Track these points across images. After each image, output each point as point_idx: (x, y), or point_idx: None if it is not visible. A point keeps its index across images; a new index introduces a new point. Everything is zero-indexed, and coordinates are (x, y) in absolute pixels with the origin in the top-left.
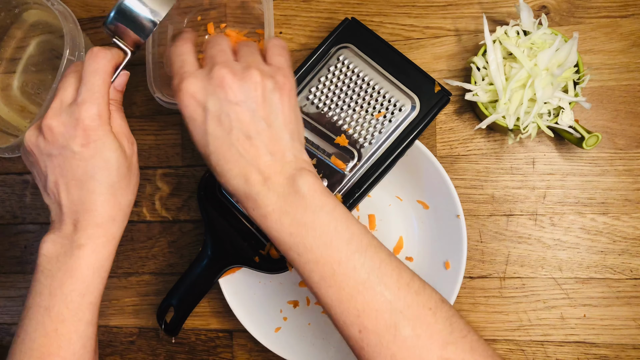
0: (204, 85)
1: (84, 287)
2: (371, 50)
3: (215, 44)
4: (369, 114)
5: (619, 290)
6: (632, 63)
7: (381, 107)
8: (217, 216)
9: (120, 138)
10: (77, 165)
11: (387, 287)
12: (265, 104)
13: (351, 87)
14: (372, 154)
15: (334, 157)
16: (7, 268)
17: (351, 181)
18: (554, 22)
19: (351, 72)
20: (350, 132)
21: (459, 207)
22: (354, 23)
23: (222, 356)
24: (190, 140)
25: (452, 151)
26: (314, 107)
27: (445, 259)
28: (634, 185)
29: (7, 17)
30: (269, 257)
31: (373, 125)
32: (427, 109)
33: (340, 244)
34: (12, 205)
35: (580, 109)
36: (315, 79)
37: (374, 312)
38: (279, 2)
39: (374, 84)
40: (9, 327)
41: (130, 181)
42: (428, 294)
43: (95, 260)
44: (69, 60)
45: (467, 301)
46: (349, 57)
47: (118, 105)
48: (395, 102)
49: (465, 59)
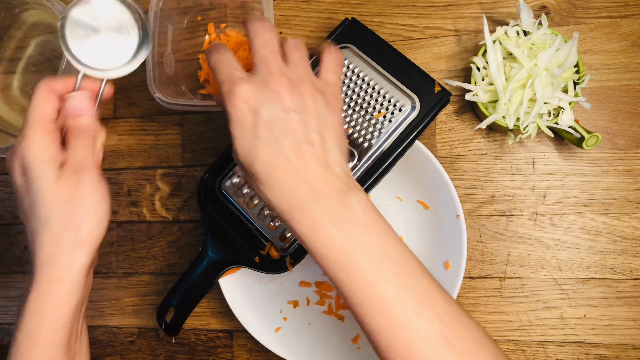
0: (258, 91)
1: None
2: (371, 50)
3: (266, 43)
4: (369, 114)
5: (619, 291)
6: (632, 63)
7: (381, 107)
8: (217, 216)
9: (67, 166)
10: (21, 200)
11: (437, 316)
12: (319, 118)
13: (351, 87)
14: (372, 154)
15: None
16: (7, 268)
17: None
18: (554, 22)
19: (351, 73)
20: (350, 132)
21: (459, 207)
22: (353, 23)
23: (222, 356)
24: (190, 141)
25: (452, 151)
26: None
27: (445, 259)
28: (634, 185)
29: (7, 17)
30: (269, 258)
31: (373, 125)
32: (427, 109)
33: (390, 266)
34: (12, 205)
35: (580, 109)
36: None
37: (425, 344)
38: (279, 2)
39: (374, 84)
40: (9, 327)
41: (73, 215)
42: (473, 325)
43: (40, 307)
44: (69, 60)
45: (467, 301)
46: (349, 57)
47: (78, 131)
48: (395, 102)
49: (465, 59)
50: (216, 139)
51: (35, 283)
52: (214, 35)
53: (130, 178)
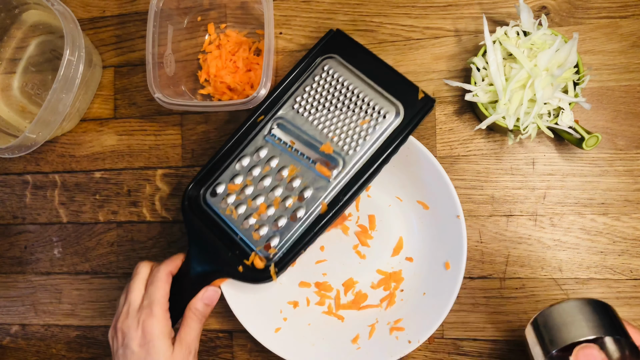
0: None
1: None
2: (356, 59)
3: None
4: (354, 121)
5: (618, 291)
6: (631, 64)
7: (366, 114)
8: (201, 227)
9: (180, 344)
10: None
11: None
12: None
13: (336, 95)
14: (357, 161)
15: (319, 164)
16: (7, 268)
17: (336, 188)
18: (553, 22)
19: (336, 82)
20: (336, 140)
21: (459, 208)
22: (339, 34)
23: (222, 356)
24: (190, 141)
25: (452, 152)
26: (300, 115)
27: (445, 259)
28: (634, 185)
29: (7, 17)
30: (253, 267)
31: (358, 133)
32: (411, 115)
33: None
34: (12, 206)
35: (580, 110)
36: (301, 89)
37: None
38: (279, 3)
39: (358, 92)
40: (9, 327)
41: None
42: None
43: None
44: (69, 60)
45: (467, 301)
46: (333, 66)
47: (199, 316)
48: (379, 110)
49: (465, 59)
50: (216, 139)
51: None
52: (214, 35)
53: (130, 178)
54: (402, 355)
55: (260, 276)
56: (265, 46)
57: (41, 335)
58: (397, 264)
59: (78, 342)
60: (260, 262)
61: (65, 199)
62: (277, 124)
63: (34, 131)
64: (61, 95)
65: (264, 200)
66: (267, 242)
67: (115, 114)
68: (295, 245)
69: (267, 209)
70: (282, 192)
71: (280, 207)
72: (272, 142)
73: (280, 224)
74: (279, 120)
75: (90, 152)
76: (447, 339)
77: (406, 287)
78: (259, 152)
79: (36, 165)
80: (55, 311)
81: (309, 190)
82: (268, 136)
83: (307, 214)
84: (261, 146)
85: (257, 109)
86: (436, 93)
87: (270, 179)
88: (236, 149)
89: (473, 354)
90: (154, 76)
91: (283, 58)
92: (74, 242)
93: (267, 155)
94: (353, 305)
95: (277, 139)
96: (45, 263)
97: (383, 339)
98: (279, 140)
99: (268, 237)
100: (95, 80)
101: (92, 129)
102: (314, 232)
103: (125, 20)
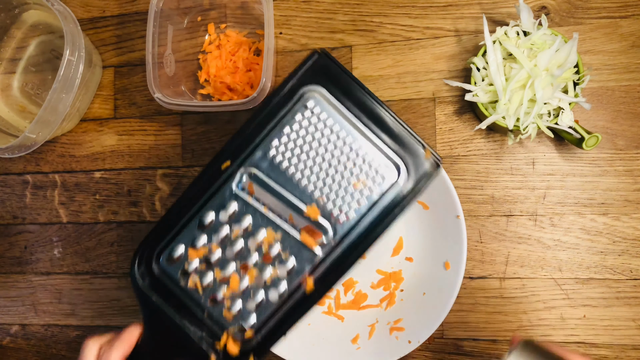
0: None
1: None
2: (346, 95)
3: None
4: (345, 180)
5: (618, 291)
6: (632, 64)
7: (360, 172)
8: (159, 302)
9: None
10: None
11: None
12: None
13: (322, 144)
14: (350, 231)
15: (304, 232)
16: (7, 268)
17: (325, 262)
18: (553, 22)
19: (322, 125)
20: (322, 203)
21: (458, 208)
22: (323, 58)
23: None
24: (190, 141)
25: (452, 152)
26: (278, 167)
27: (445, 259)
28: (634, 186)
29: (7, 17)
30: (226, 354)
31: (350, 195)
32: (416, 179)
33: None
34: (12, 206)
35: (580, 110)
36: (278, 130)
37: None
38: (279, 3)
39: (349, 143)
40: (9, 327)
41: None
42: None
43: None
44: (69, 60)
45: (467, 301)
46: (319, 104)
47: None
48: (376, 169)
49: (465, 59)
50: (216, 139)
51: None
52: (214, 36)
53: (130, 178)
54: (402, 355)
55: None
56: (265, 46)
57: (41, 335)
58: (397, 264)
59: (78, 342)
60: (235, 346)
61: (65, 199)
62: (249, 174)
63: (34, 131)
64: (61, 95)
65: (235, 270)
66: (241, 322)
67: (115, 114)
68: (276, 328)
69: (240, 282)
70: (258, 262)
71: (257, 281)
72: (243, 198)
73: (257, 300)
74: (250, 169)
75: (90, 152)
76: (447, 339)
77: (406, 287)
78: (226, 208)
79: (36, 165)
80: (55, 311)
81: (291, 261)
82: (237, 189)
83: (290, 290)
84: (229, 201)
85: (221, 153)
86: (436, 93)
87: (241, 244)
88: (197, 202)
89: (473, 354)
90: (154, 76)
91: (283, 58)
92: (74, 242)
93: (237, 213)
94: (353, 305)
95: (247, 193)
96: (45, 263)
97: (383, 339)
98: (250, 197)
99: (243, 317)
100: (95, 80)
101: (92, 129)
102: (299, 312)
103: (125, 20)
